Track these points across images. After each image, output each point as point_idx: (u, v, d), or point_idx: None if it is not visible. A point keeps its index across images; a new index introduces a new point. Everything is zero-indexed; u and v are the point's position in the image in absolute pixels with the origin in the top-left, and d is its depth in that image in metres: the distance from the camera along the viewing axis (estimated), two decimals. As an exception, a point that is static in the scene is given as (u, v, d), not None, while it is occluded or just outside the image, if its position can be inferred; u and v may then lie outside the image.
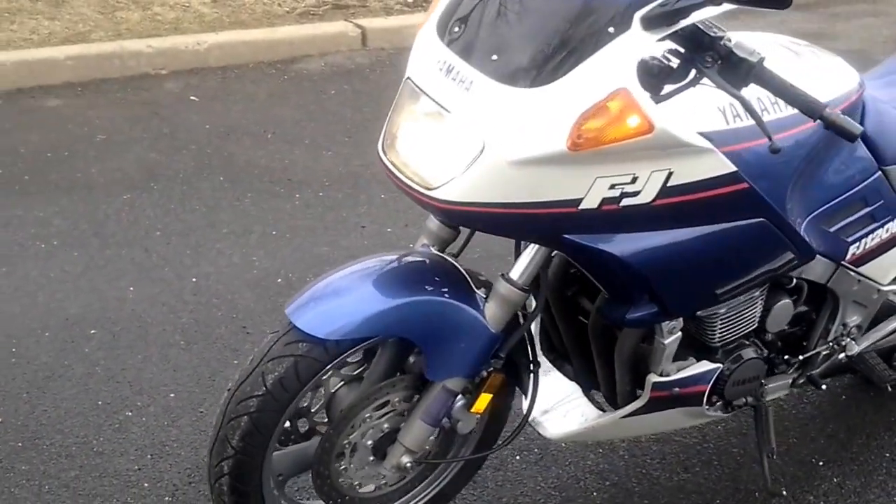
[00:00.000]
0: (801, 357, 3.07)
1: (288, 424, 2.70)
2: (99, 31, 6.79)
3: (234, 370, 2.80)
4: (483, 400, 2.73)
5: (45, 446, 3.37)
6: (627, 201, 2.35)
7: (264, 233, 4.76)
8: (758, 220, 2.55)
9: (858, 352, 3.17)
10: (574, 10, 2.29)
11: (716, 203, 2.45)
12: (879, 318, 3.22)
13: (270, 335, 2.60)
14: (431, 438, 2.78)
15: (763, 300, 2.85)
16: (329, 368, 2.59)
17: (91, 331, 3.96)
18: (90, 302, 4.15)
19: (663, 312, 2.60)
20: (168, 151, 5.53)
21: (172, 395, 3.63)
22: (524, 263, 2.58)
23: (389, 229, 4.83)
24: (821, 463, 3.48)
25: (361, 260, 2.66)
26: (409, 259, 2.66)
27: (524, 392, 2.82)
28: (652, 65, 2.34)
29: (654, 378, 2.79)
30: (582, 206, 2.32)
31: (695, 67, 2.32)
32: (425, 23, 2.53)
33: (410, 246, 2.80)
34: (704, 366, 2.85)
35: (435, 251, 2.71)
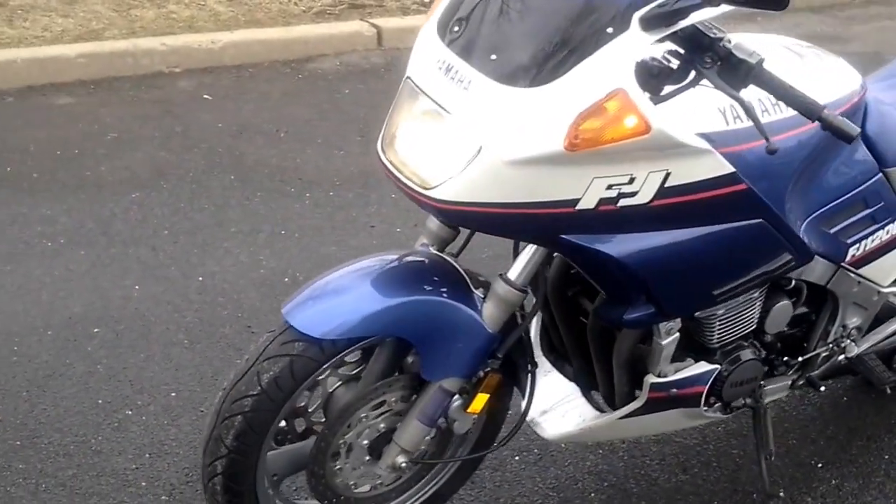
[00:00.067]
0: (801, 358, 3.06)
1: (284, 424, 2.70)
2: (113, 29, 6.77)
3: (237, 370, 2.78)
4: (480, 400, 2.71)
5: (44, 445, 3.35)
6: (625, 202, 2.34)
7: (273, 232, 4.73)
8: (756, 222, 2.53)
9: (858, 353, 3.16)
10: (573, 11, 2.29)
11: (713, 204, 2.43)
12: (880, 320, 3.20)
13: (267, 334, 2.59)
14: (427, 438, 2.76)
15: (762, 301, 2.83)
16: (325, 368, 2.58)
17: (94, 329, 3.94)
18: (94, 300, 4.13)
19: (661, 313, 2.59)
20: (179, 150, 5.51)
21: (173, 395, 3.61)
22: (522, 264, 2.57)
23: (399, 229, 4.80)
24: (820, 465, 3.45)
25: (358, 259, 2.65)
26: (407, 259, 2.65)
27: (522, 392, 2.80)
28: (652, 65, 2.35)
29: (652, 379, 2.78)
30: (579, 207, 2.31)
31: (694, 68, 2.32)
32: (426, 22, 2.53)
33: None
34: (702, 367, 2.83)
35: (434, 251, 2.70)
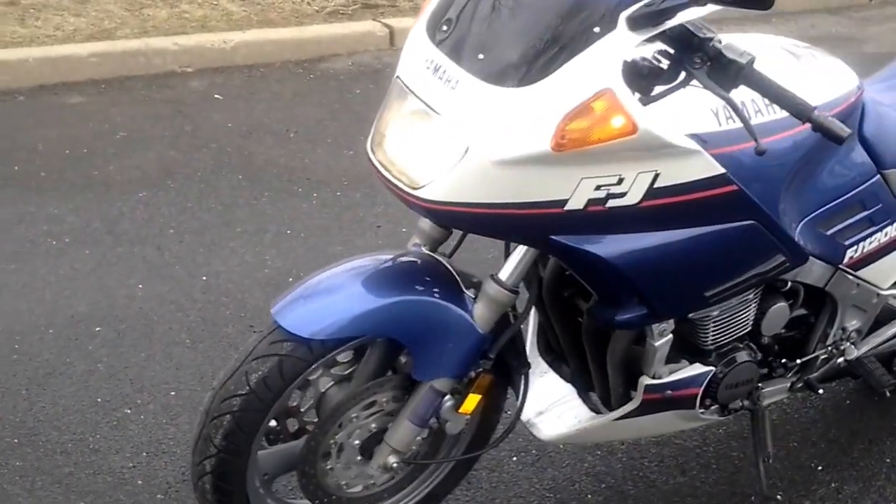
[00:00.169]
0: (799, 361, 3.04)
1: (276, 424, 2.69)
2: (125, 29, 6.77)
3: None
4: (472, 401, 2.70)
5: (41, 443, 3.35)
6: (614, 202, 2.32)
7: (279, 232, 4.72)
8: (748, 223, 2.52)
9: (857, 356, 3.13)
10: (560, 10, 2.28)
11: (704, 205, 2.42)
12: (881, 323, 3.17)
13: (256, 334, 2.59)
14: (419, 439, 2.76)
15: (757, 303, 2.81)
16: (315, 368, 2.58)
17: (96, 328, 3.94)
18: (98, 299, 4.13)
19: (652, 314, 2.57)
20: (188, 150, 5.50)
21: (173, 394, 3.60)
22: (513, 264, 2.56)
23: (405, 229, 4.75)
24: (820, 468, 3.42)
25: (348, 259, 2.66)
26: (398, 259, 2.65)
27: (516, 393, 2.79)
28: (642, 66, 2.35)
29: (647, 380, 2.76)
30: (568, 207, 2.30)
31: (684, 69, 2.31)
32: (416, 22, 2.51)
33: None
34: (697, 368, 2.82)
35: (426, 251, 2.70)
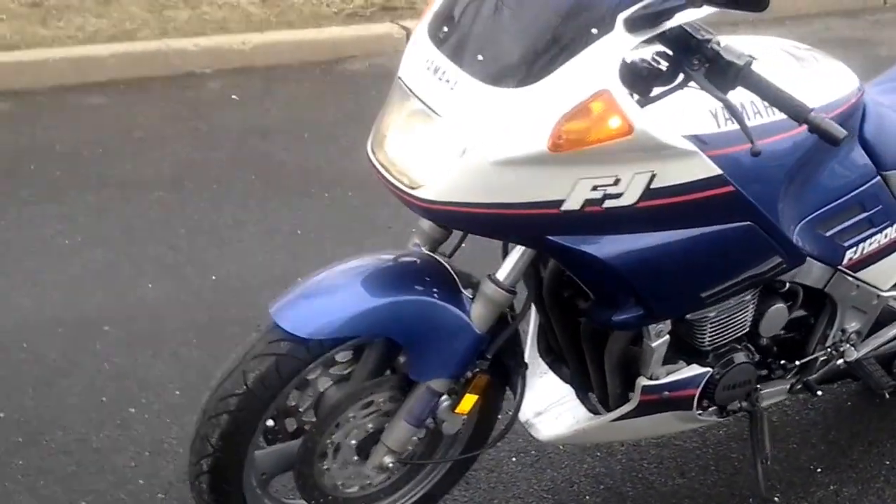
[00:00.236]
0: (798, 362, 3.02)
1: (274, 423, 2.68)
2: (146, 30, 6.80)
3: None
4: (468, 401, 2.69)
5: (45, 442, 3.36)
6: (610, 203, 2.32)
7: (290, 232, 4.73)
8: (744, 224, 2.51)
9: (857, 358, 3.11)
10: (558, 12, 2.28)
11: (701, 206, 2.41)
12: (881, 324, 3.15)
13: (254, 333, 2.58)
14: (416, 439, 2.75)
15: (754, 304, 2.80)
16: (314, 368, 2.59)
17: (105, 328, 3.95)
18: (108, 299, 4.14)
19: (649, 315, 2.56)
20: (204, 150, 5.52)
21: (178, 393, 3.61)
22: (510, 264, 2.55)
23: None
24: (819, 470, 3.40)
25: (347, 259, 2.66)
26: (396, 259, 2.65)
27: (514, 393, 2.78)
28: (641, 67, 2.35)
29: (644, 381, 2.75)
30: (564, 208, 2.29)
31: (682, 70, 2.31)
32: (420, 23, 2.52)
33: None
34: (694, 369, 2.81)
35: (425, 251, 2.69)
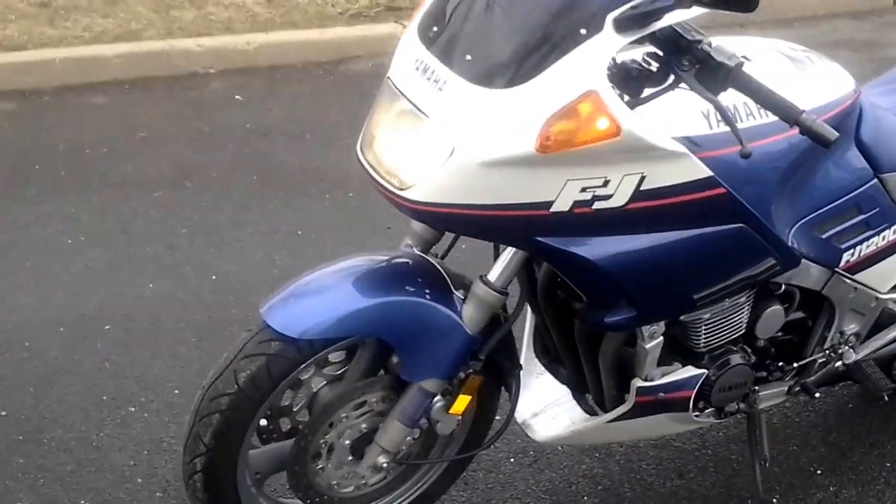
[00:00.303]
0: (796, 364, 3.01)
1: (268, 423, 2.71)
2: (151, 30, 6.82)
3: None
4: (462, 402, 2.71)
5: (46, 440, 3.40)
6: (600, 204, 2.32)
7: (290, 232, 4.75)
8: (736, 226, 2.50)
9: (856, 360, 3.10)
10: (547, 12, 2.28)
11: (691, 208, 2.41)
12: (881, 326, 3.15)
13: (245, 333, 2.61)
14: (410, 439, 2.76)
15: (750, 306, 2.80)
16: (307, 367, 2.60)
17: (105, 327, 3.99)
18: (108, 298, 4.18)
19: (641, 316, 2.57)
20: (205, 150, 5.55)
21: (177, 392, 3.64)
22: (502, 265, 2.56)
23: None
24: (819, 471, 3.40)
25: (338, 260, 2.66)
26: (388, 259, 2.66)
27: (509, 394, 2.80)
28: (631, 68, 2.35)
29: (639, 383, 2.75)
30: (553, 209, 2.30)
31: (673, 71, 2.30)
32: (411, 23, 2.52)
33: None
34: (689, 371, 2.80)
35: (417, 252, 2.70)
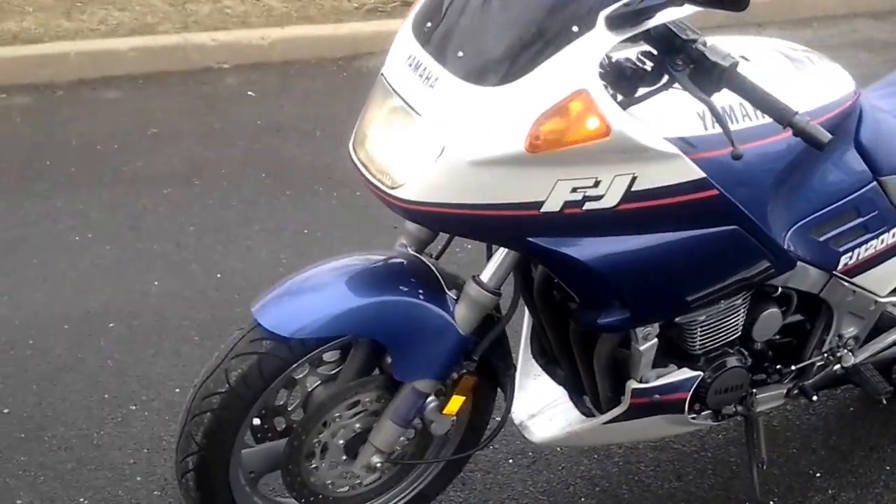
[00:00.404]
0: (794, 367, 2.99)
1: (262, 422, 2.71)
2: (167, 23, 6.82)
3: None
4: (455, 402, 2.70)
5: (47, 438, 3.41)
6: (591, 205, 2.30)
7: (297, 230, 4.75)
8: (729, 228, 2.48)
9: (855, 363, 3.08)
10: (539, 9, 2.26)
11: (684, 209, 2.39)
12: (880, 329, 3.12)
13: (237, 332, 2.60)
14: (405, 439, 2.76)
15: (746, 309, 2.78)
16: (301, 367, 2.60)
17: (110, 324, 4.00)
18: (114, 295, 4.19)
19: (634, 318, 2.55)
20: (216, 146, 5.55)
21: (178, 391, 3.63)
22: (494, 266, 2.55)
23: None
24: (818, 475, 3.38)
25: (331, 259, 2.65)
26: (381, 259, 2.66)
27: (504, 395, 2.79)
28: (625, 67, 2.33)
29: (634, 384, 2.74)
30: (544, 209, 2.28)
31: (667, 71, 2.28)
32: (405, 20, 2.51)
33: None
34: (685, 373, 2.79)
35: (411, 252, 2.70)
